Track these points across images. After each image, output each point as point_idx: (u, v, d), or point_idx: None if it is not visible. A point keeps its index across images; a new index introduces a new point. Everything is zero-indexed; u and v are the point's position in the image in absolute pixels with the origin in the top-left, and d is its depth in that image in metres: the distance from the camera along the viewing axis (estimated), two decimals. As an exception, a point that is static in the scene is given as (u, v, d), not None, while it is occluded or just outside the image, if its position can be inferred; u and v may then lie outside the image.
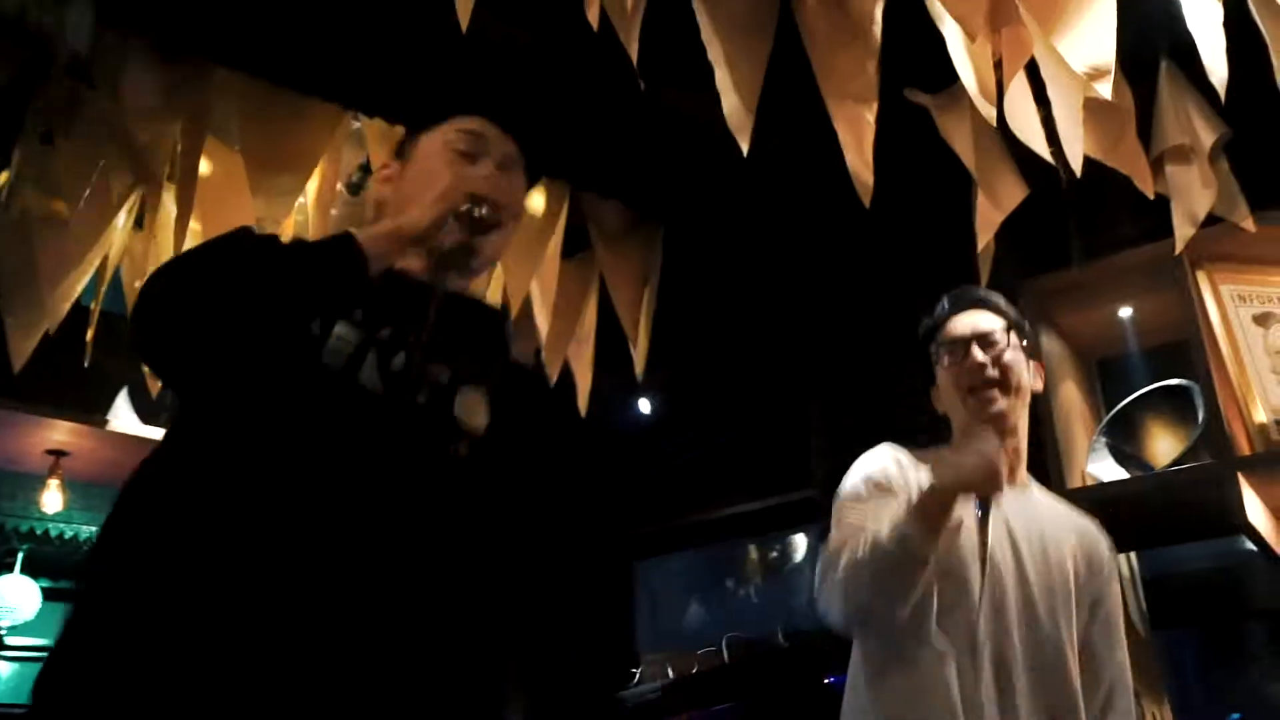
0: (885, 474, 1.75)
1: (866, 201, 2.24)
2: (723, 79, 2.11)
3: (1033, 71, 2.17)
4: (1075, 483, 2.58)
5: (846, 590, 1.58)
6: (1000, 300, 1.89)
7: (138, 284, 2.97)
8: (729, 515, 4.46)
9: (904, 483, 1.72)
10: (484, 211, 1.34)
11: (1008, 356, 1.79)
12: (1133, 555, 2.97)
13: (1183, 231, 2.44)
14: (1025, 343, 1.85)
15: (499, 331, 1.49)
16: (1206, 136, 2.47)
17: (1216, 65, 1.99)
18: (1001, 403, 1.76)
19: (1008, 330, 1.82)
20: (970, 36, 2.01)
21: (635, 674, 3.07)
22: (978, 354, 1.79)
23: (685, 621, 4.85)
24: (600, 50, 2.04)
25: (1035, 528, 1.77)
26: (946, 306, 1.91)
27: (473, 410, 1.33)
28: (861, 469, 1.78)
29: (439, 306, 1.29)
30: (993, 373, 1.78)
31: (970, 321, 1.85)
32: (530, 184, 1.57)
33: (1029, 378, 1.84)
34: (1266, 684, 3.34)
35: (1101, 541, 1.86)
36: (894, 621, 1.60)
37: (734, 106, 2.11)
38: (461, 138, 1.43)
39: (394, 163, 1.49)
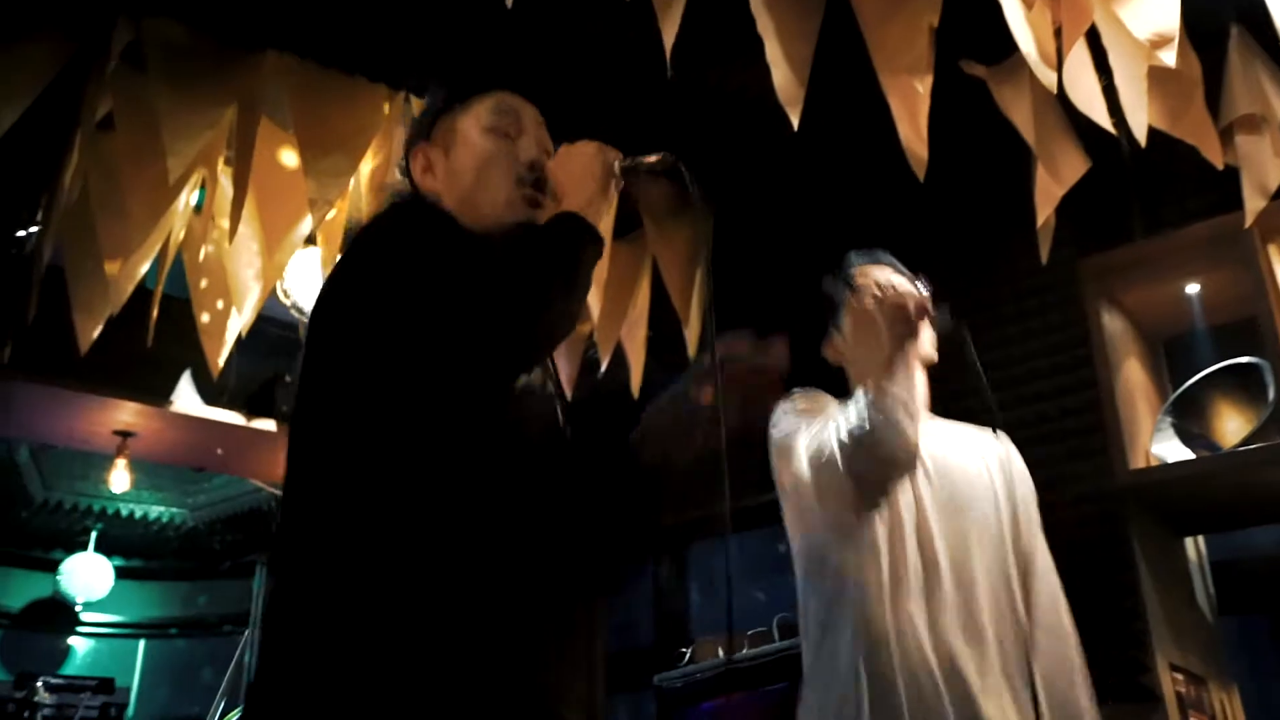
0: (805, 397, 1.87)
1: (921, 176, 2.20)
2: (773, 51, 2.08)
3: (1094, 40, 2.10)
4: (1139, 463, 2.52)
5: (857, 456, 1.65)
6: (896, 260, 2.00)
7: (195, 263, 3.02)
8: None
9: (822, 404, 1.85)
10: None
11: None
12: (1200, 539, 2.89)
13: (1253, 204, 2.36)
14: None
15: None
16: (1279, 105, 2.38)
17: (1289, 27, 1.92)
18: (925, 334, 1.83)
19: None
20: (1027, 4, 1.95)
21: (685, 654, 3.06)
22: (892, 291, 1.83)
23: (742, 605, 4.84)
24: (646, 27, 2.03)
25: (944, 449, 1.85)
26: (857, 258, 1.98)
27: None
28: (782, 404, 1.87)
29: None
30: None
31: (880, 272, 1.92)
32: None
33: None
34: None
35: (1010, 448, 1.92)
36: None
37: (785, 79, 2.08)
38: (499, 118, 1.44)
39: (427, 150, 1.45)
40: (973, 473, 1.83)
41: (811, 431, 1.78)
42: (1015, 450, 1.90)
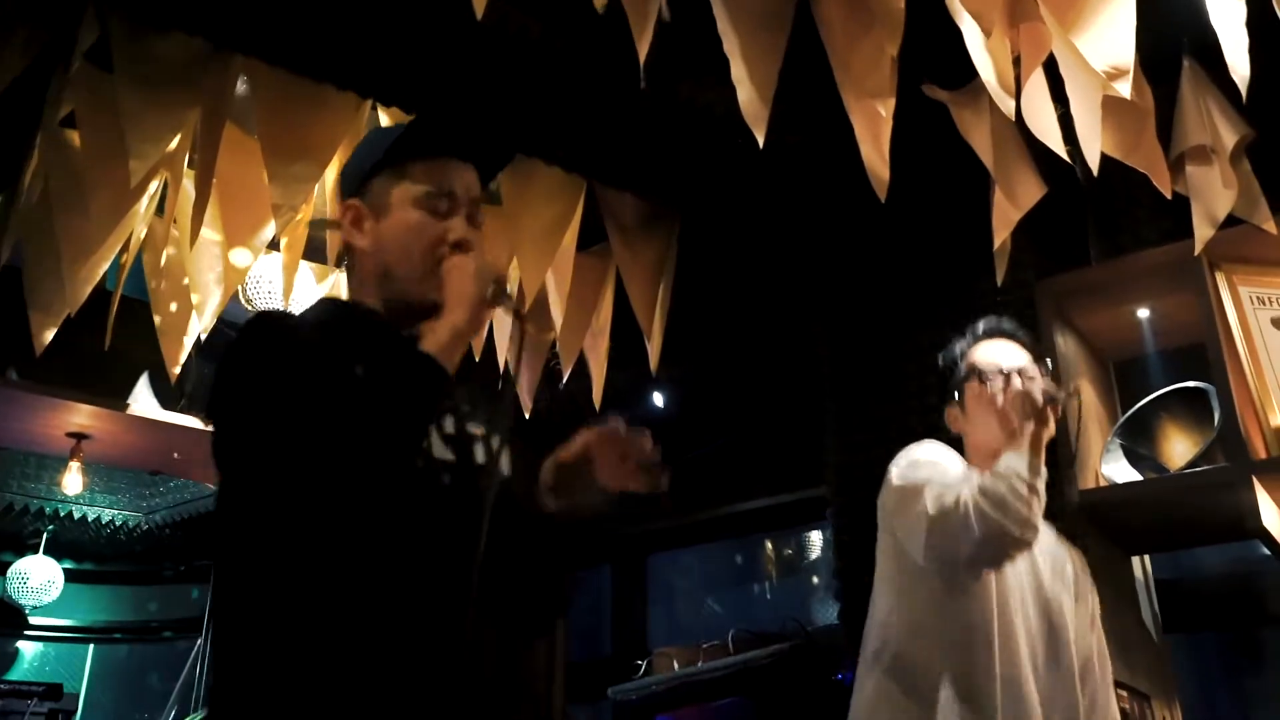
0: (938, 454, 2.00)
1: (882, 196, 2.23)
2: (739, 71, 2.10)
3: (1051, 69, 2.15)
4: (1089, 483, 2.57)
5: (988, 519, 1.74)
6: (1024, 334, 2.13)
7: (155, 265, 3.00)
8: (743, 511, 4.45)
9: (954, 464, 1.97)
10: (501, 293, 1.39)
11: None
12: (1146, 558, 2.95)
13: (1202, 232, 2.42)
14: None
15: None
16: (1228, 137, 2.44)
17: (1239, 63, 1.97)
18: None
19: (1035, 364, 2.04)
20: (985, 31, 1.99)
21: (641, 666, 3.08)
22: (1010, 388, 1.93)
23: (699, 617, 4.86)
24: (616, 41, 2.04)
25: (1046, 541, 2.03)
26: (988, 328, 2.12)
27: (505, 458, 1.46)
28: (915, 451, 2.00)
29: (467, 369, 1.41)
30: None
31: (1004, 351, 2.07)
32: (493, 176, 1.61)
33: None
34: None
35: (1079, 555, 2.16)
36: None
37: (750, 98, 2.11)
38: (430, 195, 1.44)
39: (359, 206, 1.47)
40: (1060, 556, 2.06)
41: (945, 482, 1.86)
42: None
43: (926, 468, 1.94)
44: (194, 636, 5.24)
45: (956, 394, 2.08)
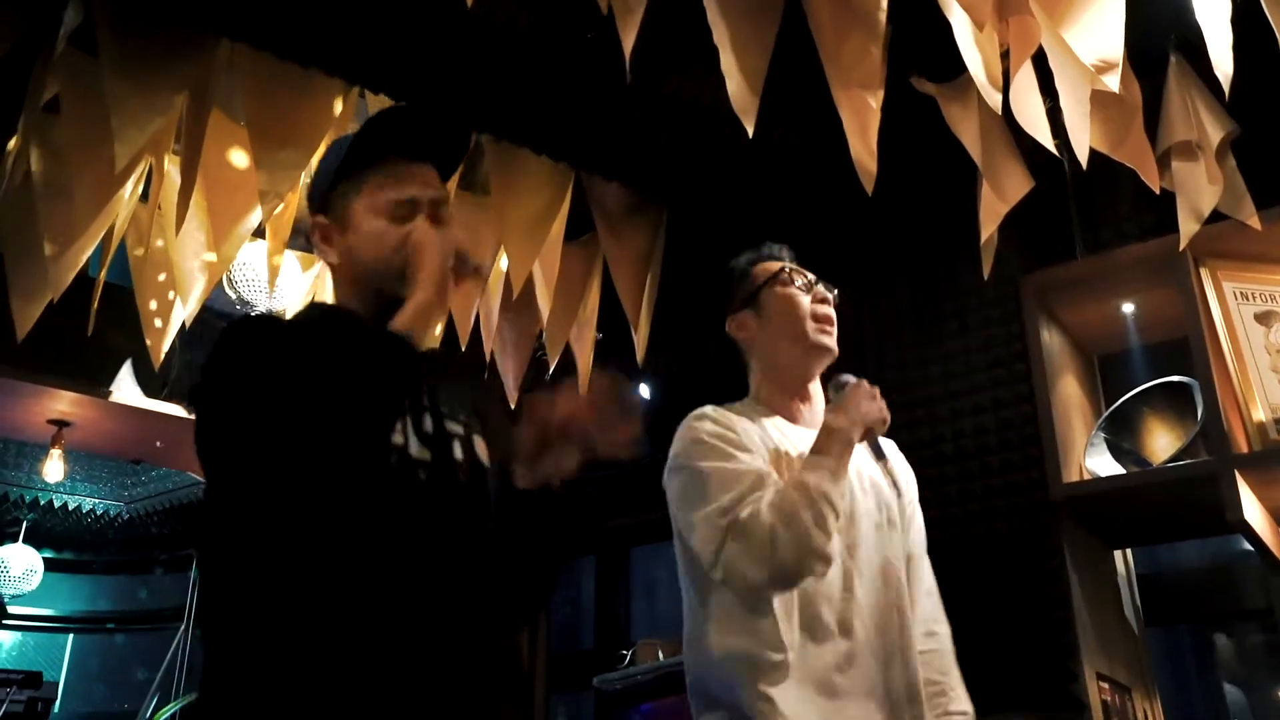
0: (729, 426, 1.77)
1: (869, 189, 2.24)
2: (728, 62, 2.10)
3: (1039, 63, 2.16)
4: (1072, 476, 2.58)
5: (769, 551, 1.59)
6: None
7: (139, 251, 2.98)
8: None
9: (749, 438, 1.75)
10: (465, 265, 1.42)
11: None
12: (1128, 551, 2.97)
13: (1187, 228, 2.43)
14: None
15: (466, 376, 1.62)
16: (1214, 133, 2.46)
17: (1223, 61, 1.98)
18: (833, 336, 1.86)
19: None
20: (978, 25, 2.00)
21: (626, 656, 3.08)
22: (823, 290, 1.88)
23: (681, 610, 4.86)
24: (605, 31, 2.04)
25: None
26: (776, 250, 1.97)
27: (484, 453, 1.47)
28: (699, 428, 1.77)
29: (448, 366, 1.40)
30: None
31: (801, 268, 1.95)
32: (454, 169, 1.62)
33: None
34: (1259, 683, 3.34)
35: (902, 456, 1.94)
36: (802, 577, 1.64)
37: (739, 89, 2.11)
38: (391, 204, 1.44)
39: (326, 221, 1.49)
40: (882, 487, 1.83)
41: (735, 476, 1.69)
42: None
43: (712, 453, 1.72)
44: (175, 626, 5.22)
45: (752, 297, 1.91)
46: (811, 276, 1.92)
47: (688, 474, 1.74)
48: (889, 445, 1.85)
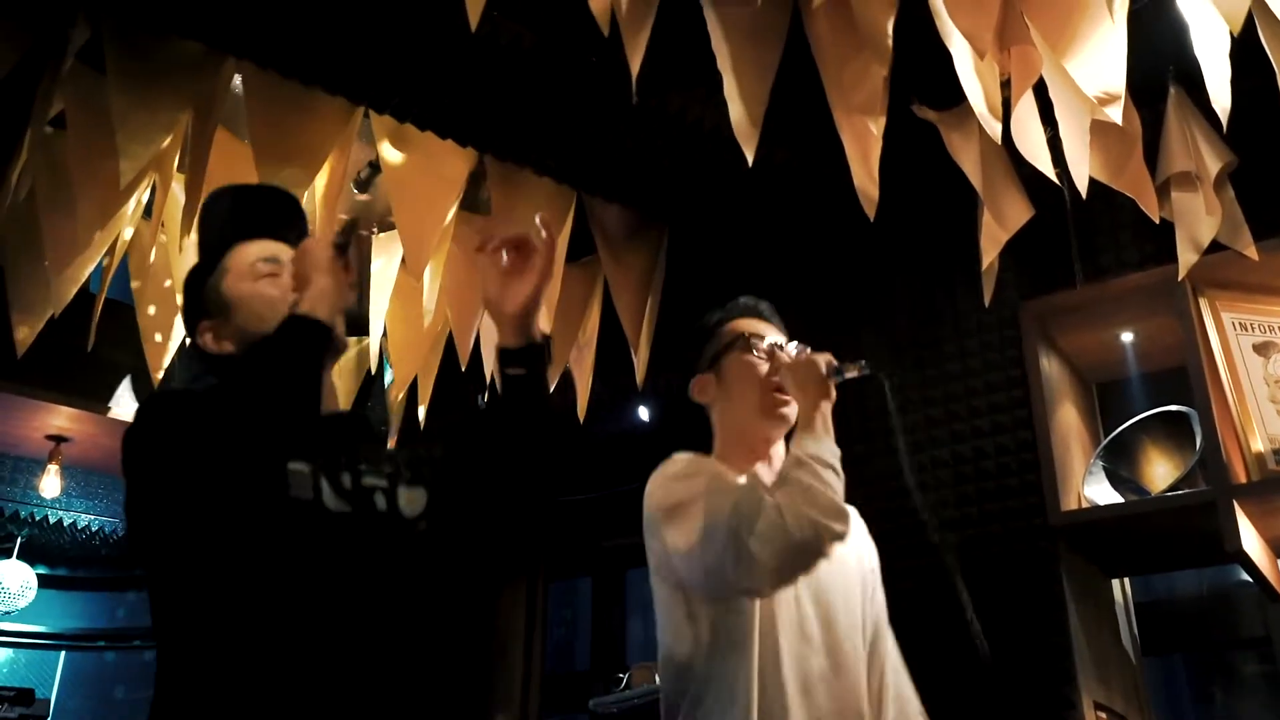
0: (704, 462, 1.79)
1: (871, 214, 2.25)
2: (730, 87, 2.11)
3: (1040, 92, 2.17)
4: (1070, 505, 2.58)
5: (782, 530, 1.57)
6: (780, 320, 2.00)
7: (141, 268, 2.98)
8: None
9: (721, 469, 1.76)
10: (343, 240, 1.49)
11: None
12: (1125, 580, 2.97)
13: (1186, 258, 2.44)
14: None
15: (371, 427, 1.77)
16: (1213, 163, 2.47)
17: (1220, 93, 2.00)
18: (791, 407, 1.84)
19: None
20: (979, 54, 2.01)
21: (622, 679, 3.07)
22: (785, 358, 1.86)
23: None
24: (608, 53, 2.05)
25: None
26: (747, 305, 1.97)
27: (415, 502, 1.52)
28: (675, 469, 1.78)
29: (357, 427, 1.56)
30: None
31: (774, 330, 1.94)
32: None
33: None
34: (1256, 713, 3.33)
35: (863, 525, 1.92)
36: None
37: (740, 115, 2.12)
38: (261, 266, 1.55)
39: (208, 324, 1.57)
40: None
41: (727, 488, 1.67)
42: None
43: (697, 478, 1.70)
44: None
45: (713, 361, 1.91)
46: (777, 340, 1.90)
47: (678, 504, 1.70)
48: (852, 512, 1.75)
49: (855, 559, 1.83)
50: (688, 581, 1.71)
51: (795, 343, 1.90)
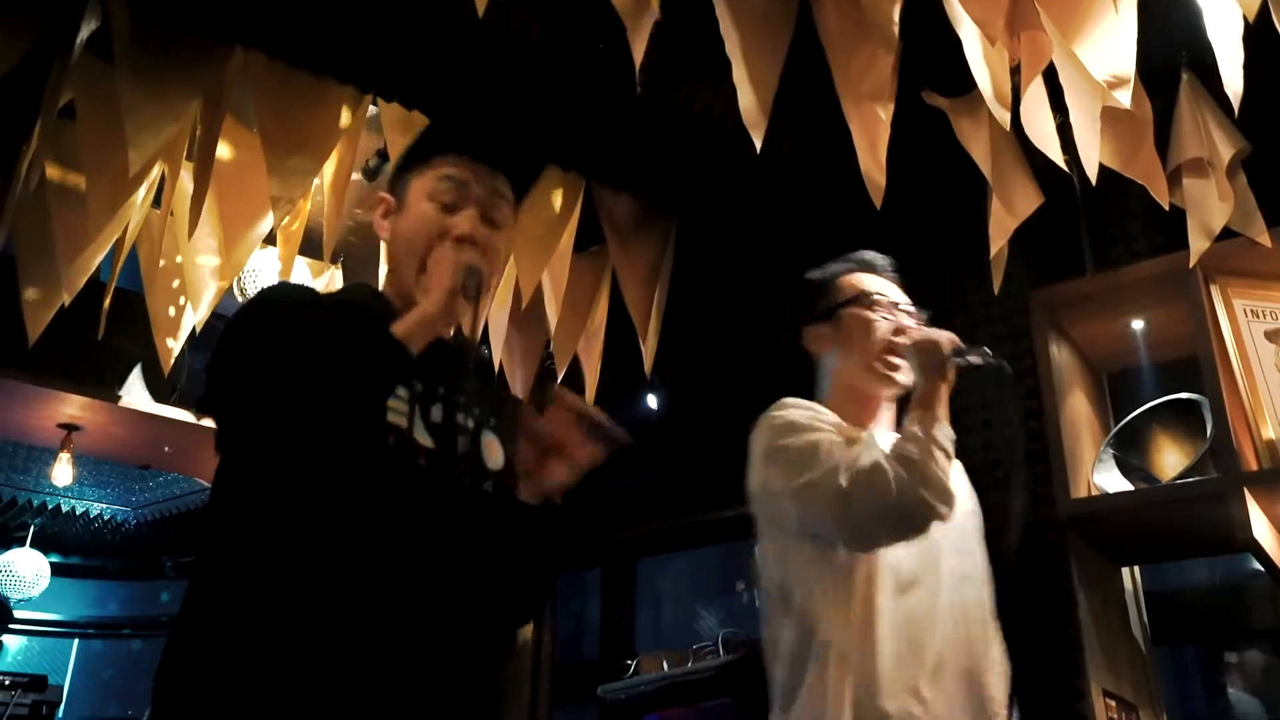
0: (815, 410, 1.81)
1: (878, 202, 2.24)
2: (739, 74, 2.10)
3: (1050, 78, 2.16)
4: (1080, 492, 2.57)
5: (894, 497, 1.61)
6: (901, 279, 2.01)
7: (151, 257, 2.99)
8: (734, 516, 4.44)
9: (825, 421, 1.78)
10: (475, 286, 1.40)
11: None
12: (1136, 569, 2.95)
13: (1197, 245, 2.43)
14: None
15: (492, 374, 1.63)
16: (1225, 150, 2.45)
17: (1233, 78, 1.98)
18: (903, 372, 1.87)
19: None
20: (989, 40, 2.00)
21: (630, 667, 3.07)
22: (905, 320, 1.89)
23: (687, 622, 4.85)
24: (617, 42, 2.05)
25: None
26: (869, 259, 2.00)
27: (492, 452, 1.48)
28: (787, 414, 1.80)
29: (470, 361, 1.43)
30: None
31: (894, 288, 1.96)
32: (525, 190, 1.62)
33: None
34: (1269, 704, 3.32)
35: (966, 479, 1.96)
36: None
37: (749, 103, 2.11)
38: (444, 188, 1.47)
39: (389, 199, 1.53)
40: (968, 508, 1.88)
41: (839, 443, 1.71)
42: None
43: (809, 430, 1.73)
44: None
45: (831, 313, 1.93)
46: (900, 301, 1.91)
47: (791, 450, 1.73)
48: (956, 466, 1.82)
49: (967, 513, 1.88)
50: (793, 520, 1.75)
51: (919, 314, 1.92)
